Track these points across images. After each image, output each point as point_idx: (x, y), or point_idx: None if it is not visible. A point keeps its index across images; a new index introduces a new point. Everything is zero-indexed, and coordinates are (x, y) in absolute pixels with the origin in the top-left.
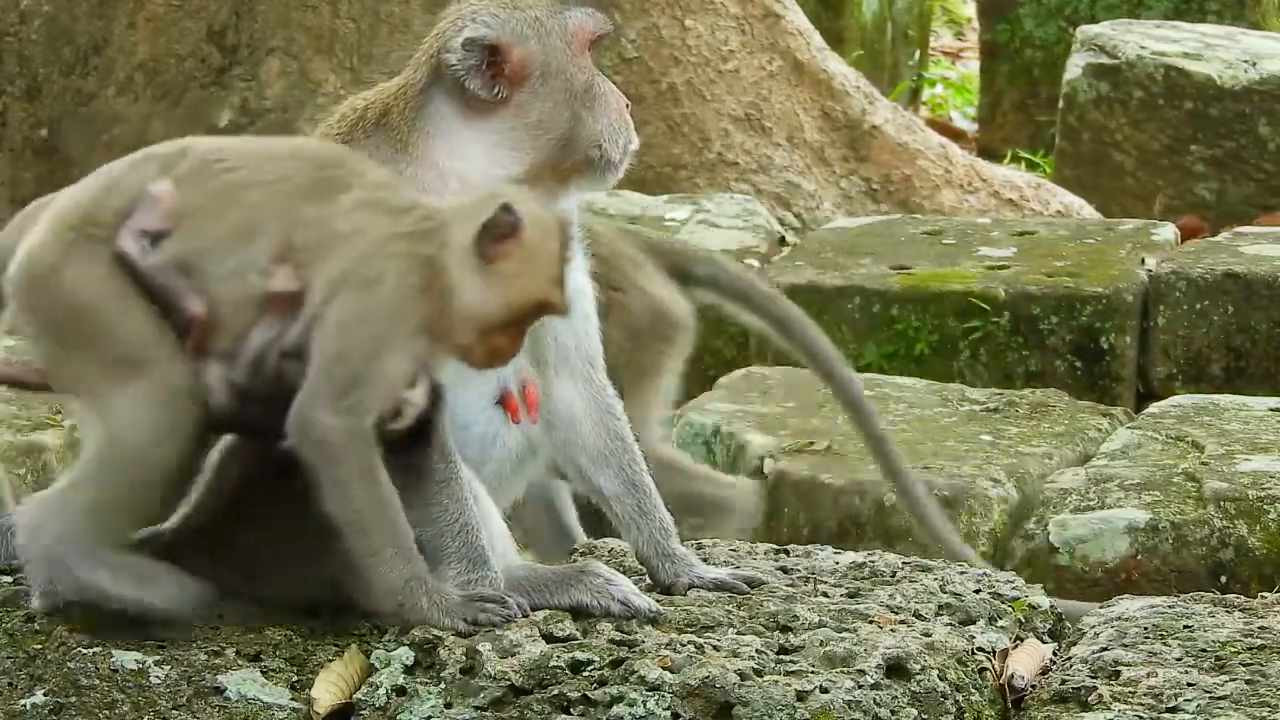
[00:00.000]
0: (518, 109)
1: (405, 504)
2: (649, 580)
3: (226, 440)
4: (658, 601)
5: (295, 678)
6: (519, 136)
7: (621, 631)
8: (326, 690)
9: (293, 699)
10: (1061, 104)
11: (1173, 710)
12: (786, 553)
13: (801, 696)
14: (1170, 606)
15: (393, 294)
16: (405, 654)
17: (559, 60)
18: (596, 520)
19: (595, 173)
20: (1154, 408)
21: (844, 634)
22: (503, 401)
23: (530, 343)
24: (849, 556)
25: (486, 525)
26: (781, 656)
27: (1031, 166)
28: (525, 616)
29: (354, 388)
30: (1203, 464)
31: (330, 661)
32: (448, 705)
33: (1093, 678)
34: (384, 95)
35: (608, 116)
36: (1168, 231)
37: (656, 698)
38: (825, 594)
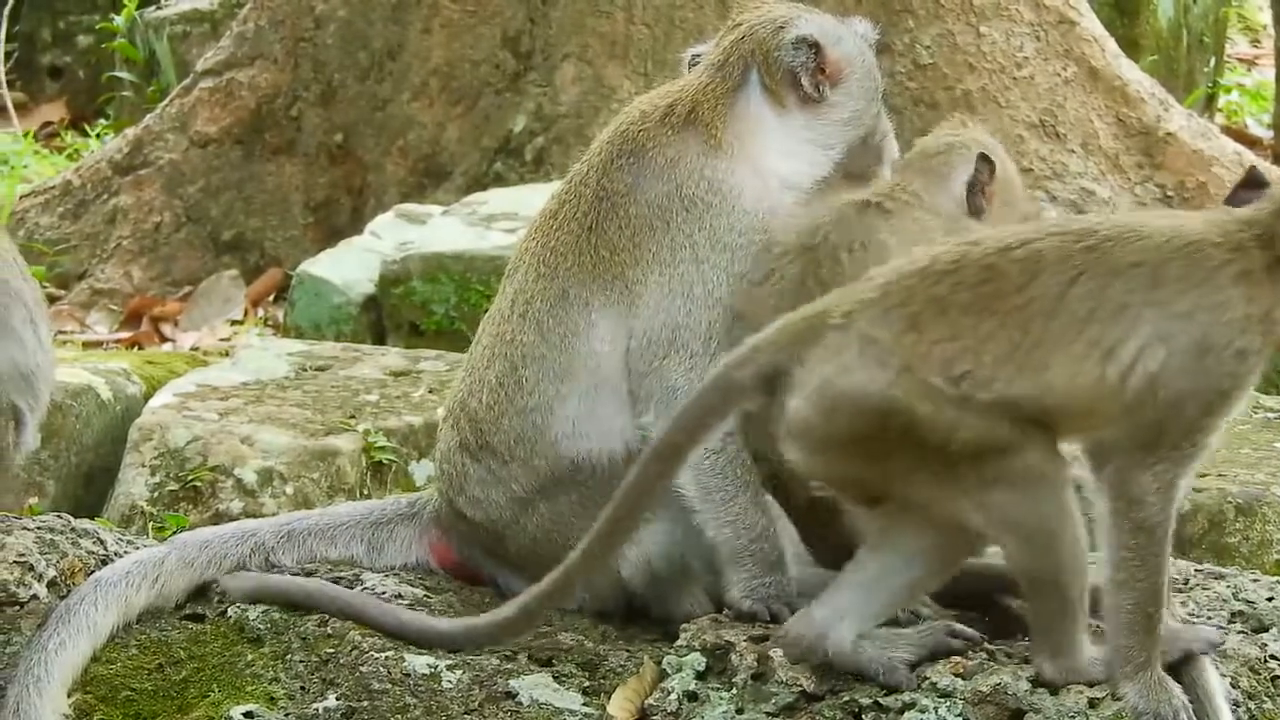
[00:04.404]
0: (830, 107)
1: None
2: None
3: None
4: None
5: (587, 683)
6: (830, 135)
7: None
8: (622, 706)
9: (585, 704)
10: None
11: None
12: None
13: (1094, 704)
14: None
15: None
16: (697, 659)
17: (867, 60)
18: None
19: (869, 174)
20: None
21: None
22: None
23: None
24: None
25: (781, 532)
26: None
27: None
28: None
29: None
30: None
31: (623, 670)
32: (739, 711)
33: None
34: (687, 93)
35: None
36: None
37: (948, 704)
38: None
